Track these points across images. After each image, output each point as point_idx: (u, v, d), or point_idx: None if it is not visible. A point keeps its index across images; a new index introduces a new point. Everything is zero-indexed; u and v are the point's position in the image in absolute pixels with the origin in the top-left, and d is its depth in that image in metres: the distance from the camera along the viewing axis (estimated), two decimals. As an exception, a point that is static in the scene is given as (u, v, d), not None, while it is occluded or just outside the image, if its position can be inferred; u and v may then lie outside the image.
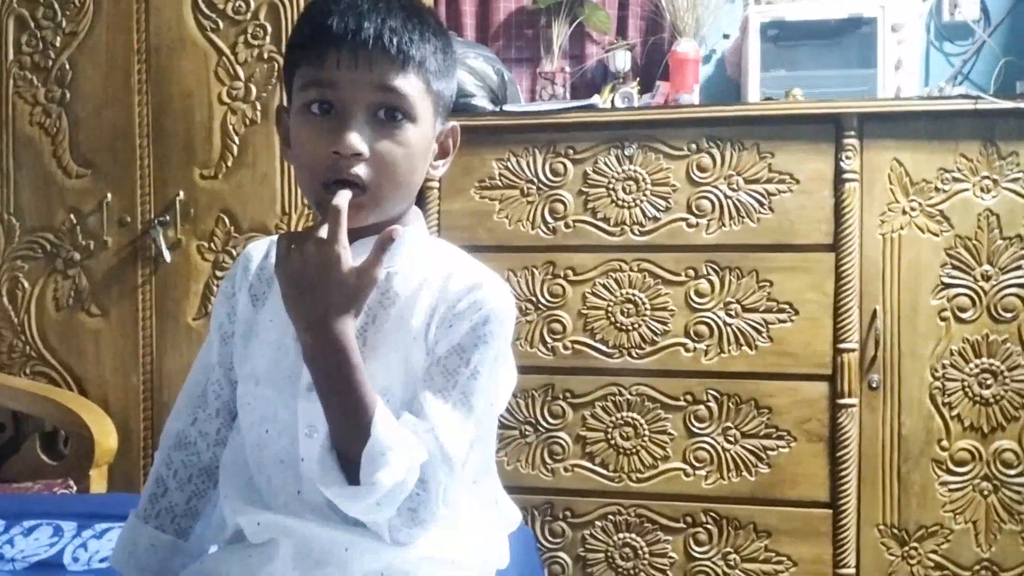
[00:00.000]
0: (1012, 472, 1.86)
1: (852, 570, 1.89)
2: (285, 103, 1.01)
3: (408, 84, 0.93)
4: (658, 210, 1.98)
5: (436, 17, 1.00)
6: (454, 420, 0.93)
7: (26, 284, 2.18)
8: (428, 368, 0.96)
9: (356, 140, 0.90)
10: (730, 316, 1.94)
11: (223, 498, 1.02)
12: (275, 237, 1.08)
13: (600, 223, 2.00)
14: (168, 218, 2.10)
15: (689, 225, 1.96)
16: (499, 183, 2.04)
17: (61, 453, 2.13)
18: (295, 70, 0.95)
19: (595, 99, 2.13)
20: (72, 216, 2.15)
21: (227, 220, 2.09)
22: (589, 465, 2.01)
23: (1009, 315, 1.86)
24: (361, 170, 0.91)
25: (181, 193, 2.10)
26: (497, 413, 1.06)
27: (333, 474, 0.89)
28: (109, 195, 2.13)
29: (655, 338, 1.98)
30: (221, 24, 2.08)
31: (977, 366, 1.87)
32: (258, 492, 1.00)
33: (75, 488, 2.00)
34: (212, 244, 2.10)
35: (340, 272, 0.88)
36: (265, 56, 2.06)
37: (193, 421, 1.10)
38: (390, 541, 0.92)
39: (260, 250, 1.10)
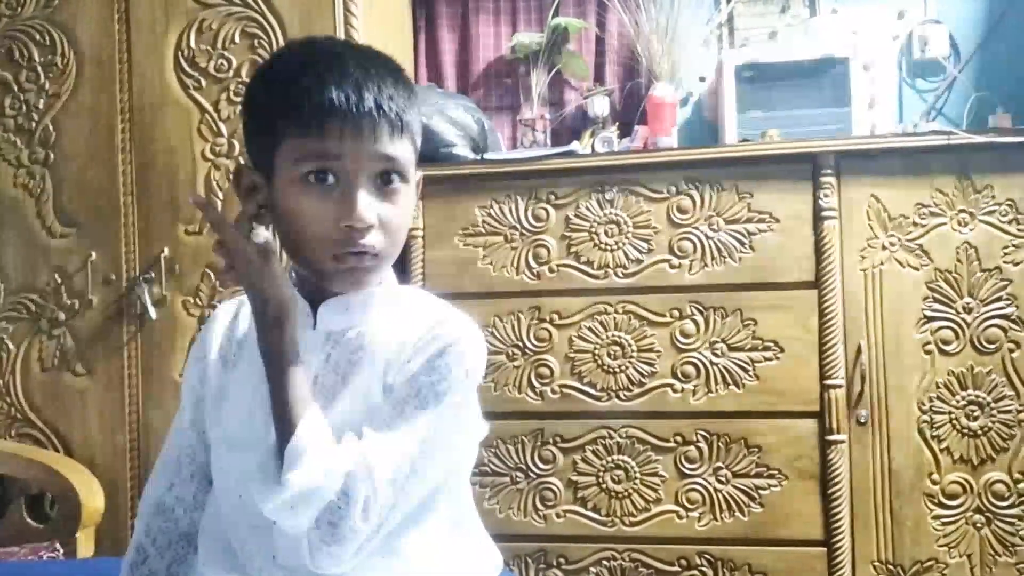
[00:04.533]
0: (1004, 504, 1.86)
1: (849, 609, 1.88)
2: (249, 163, 1.00)
3: (403, 149, 0.95)
4: (640, 252, 1.99)
5: (404, 70, 1.02)
6: (388, 440, 0.92)
7: (11, 346, 2.17)
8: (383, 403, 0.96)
9: (369, 213, 0.92)
10: (716, 356, 1.95)
11: (202, 564, 1.01)
12: (243, 297, 1.08)
13: (584, 267, 2.01)
14: (153, 275, 2.10)
15: (672, 266, 1.98)
16: (482, 230, 2.06)
17: (47, 516, 2.11)
18: (282, 139, 0.93)
19: (575, 145, 2.15)
20: (57, 276, 2.14)
21: (212, 276, 2.09)
22: (581, 510, 2.00)
23: (992, 346, 1.87)
24: (373, 239, 0.94)
25: (166, 250, 2.10)
26: (465, 452, 1.04)
27: (267, 475, 0.90)
28: (93, 254, 2.13)
29: (642, 380, 1.98)
30: (204, 82, 2.10)
31: (963, 398, 1.87)
32: (236, 557, 0.99)
33: (62, 552, 1.97)
34: (197, 300, 2.10)
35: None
36: (247, 112, 2.08)
37: (170, 487, 1.09)
38: (312, 565, 0.90)
39: (228, 312, 1.10)
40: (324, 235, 0.93)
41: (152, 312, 2.09)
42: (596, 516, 1.99)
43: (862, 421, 1.89)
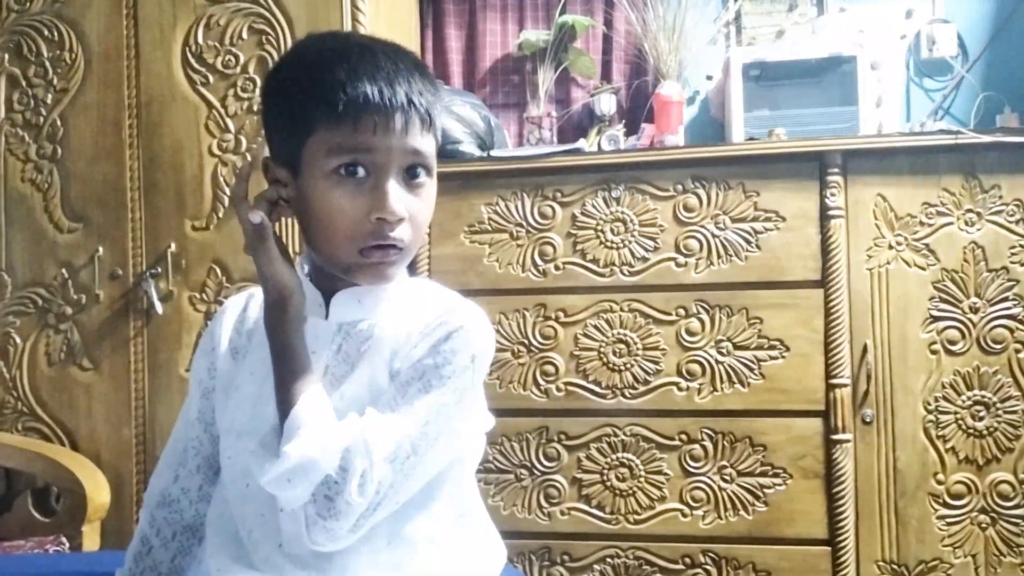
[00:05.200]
0: (1009, 504, 1.86)
1: (853, 608, 1.88)
2: (270, 155, 1.00)
3: (429, 143, 0.97)
4: (646, 250, 1.99)
5: (427, 66, 1.03)
6: (389, 419, 0.92)
7: (18, 340, 2.18)
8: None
9: (400, 206, 0.93)
10: (721, 354, 1.95)
11: (209, 555, 1.02)
12: (252, 290, 1.09)
13: (590, 264, 2.01)
14: (160, 270, 2.11)
15: (678, 265, 1.97)
16: (488, 227, 2.06)
17: (53, 510, 2.12)
18: (312, 131, 0.93)
19: (581, 143, 2.15)
20: (64, 271, 2.15)
21: (219, 271, 2.09)
22: (586, 508, 2.00)
23: (999, 347, 1.87)
24: (402, 232, 0.94)
25: (172, 245, 2.11)
26: (468, 440, 1.04)
27: (268, 450, 0.91)
28: (101, 249, 2.13)
29: (648, 378, 1.98)
30: (211, 78, 2.11)
31: (969, 398, 1.87)
32: (243, 546, 0.99)
33: (68, 545, 1.98)
34: (204, 295, 2.10)
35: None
36: (255, 108, 2.08)
37: (175, 479, 1.10)
38: (308, 541, 0.90)
39: (238, 304, 1.10)
40: (354, 228, 0.93)
41: (158, 307, 2.09)
42: (600, 514, 1.99)
43: (867, 420, 1.89)
